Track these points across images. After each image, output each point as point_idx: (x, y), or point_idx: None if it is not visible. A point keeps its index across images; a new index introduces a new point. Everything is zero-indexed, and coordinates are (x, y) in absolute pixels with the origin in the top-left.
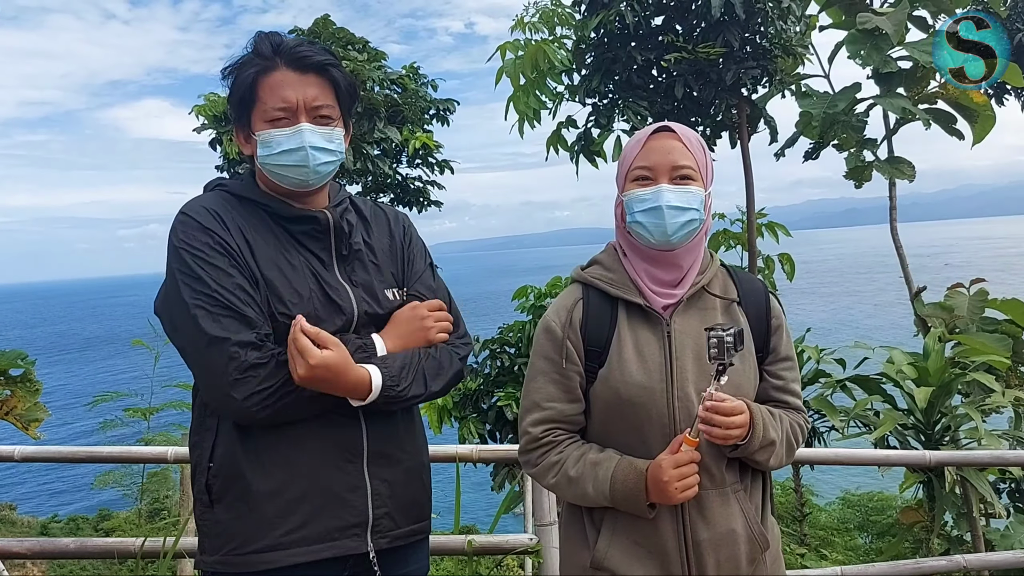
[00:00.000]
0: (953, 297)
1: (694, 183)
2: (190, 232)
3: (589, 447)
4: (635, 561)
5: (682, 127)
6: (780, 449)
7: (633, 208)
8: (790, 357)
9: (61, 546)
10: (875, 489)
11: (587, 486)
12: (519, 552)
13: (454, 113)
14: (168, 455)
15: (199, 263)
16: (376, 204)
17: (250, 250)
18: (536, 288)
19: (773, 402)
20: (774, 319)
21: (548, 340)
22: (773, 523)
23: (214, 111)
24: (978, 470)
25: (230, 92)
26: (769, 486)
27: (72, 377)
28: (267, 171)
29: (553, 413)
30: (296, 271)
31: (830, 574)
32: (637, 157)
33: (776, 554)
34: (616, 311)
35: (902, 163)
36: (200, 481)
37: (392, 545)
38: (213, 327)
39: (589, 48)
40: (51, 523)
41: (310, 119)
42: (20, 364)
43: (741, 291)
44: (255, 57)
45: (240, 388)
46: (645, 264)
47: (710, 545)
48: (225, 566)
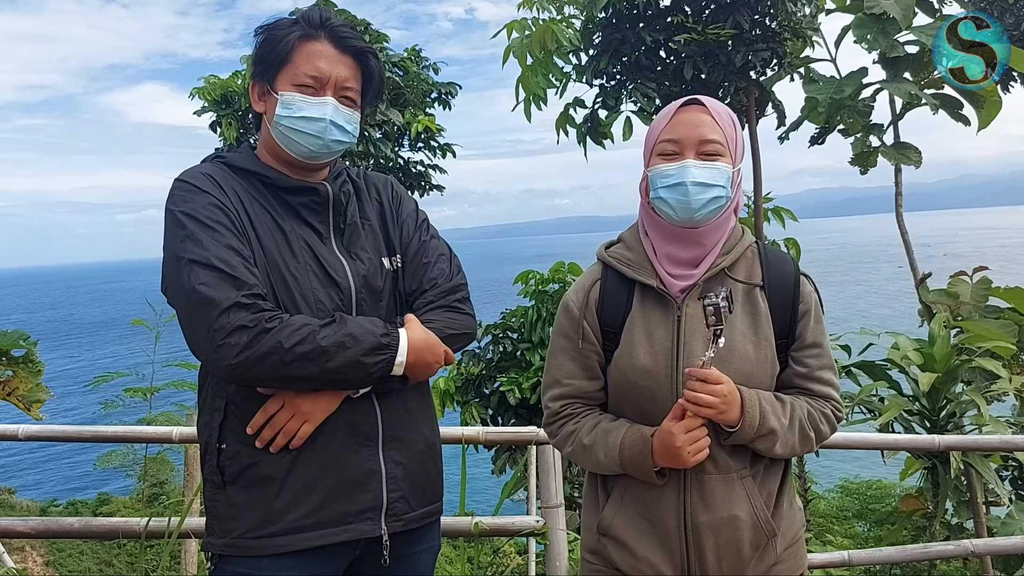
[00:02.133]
0: (956, 285)
1: (722, 159)
2: (185, 195)
3: (603, 416)
4: (637, 532)
5: (713, 101)
6: (788, 437)
7: (657, 183)
8: (817, 344)
9: (65, 526)
10: (873, 478)
11: (599, 453)
12: (526, 534)
13: (456, 97)
14: (173, 435)
15: (194, 223)
16: (365, 173)
17: (248, 218)
18: (538, 274)
19: (796, 389)
20: (802, 304)
21: (567, 319)
22: (795, 511)
23: (214, 94)
24: (983, 456)
25: (260, 46)
26: (789, 474)
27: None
28: (278, 132)
29: (572, 389)
30: (292, 243)
31: (837, 559)
32: (664, 130)
33: (793, 542)
34: (632, 292)
35: (908, 149)
36: (211, 462)
37: (406, 528)
38: (201, 287)
39: (597, 28)
40: (50, 507)
41: (336, 97)
42: (22, 345)
43: (767, 275)
44: (301, 22)
45: (225, 349)
46: (665, 242)
47: (709, 528)
48: (236, 549)
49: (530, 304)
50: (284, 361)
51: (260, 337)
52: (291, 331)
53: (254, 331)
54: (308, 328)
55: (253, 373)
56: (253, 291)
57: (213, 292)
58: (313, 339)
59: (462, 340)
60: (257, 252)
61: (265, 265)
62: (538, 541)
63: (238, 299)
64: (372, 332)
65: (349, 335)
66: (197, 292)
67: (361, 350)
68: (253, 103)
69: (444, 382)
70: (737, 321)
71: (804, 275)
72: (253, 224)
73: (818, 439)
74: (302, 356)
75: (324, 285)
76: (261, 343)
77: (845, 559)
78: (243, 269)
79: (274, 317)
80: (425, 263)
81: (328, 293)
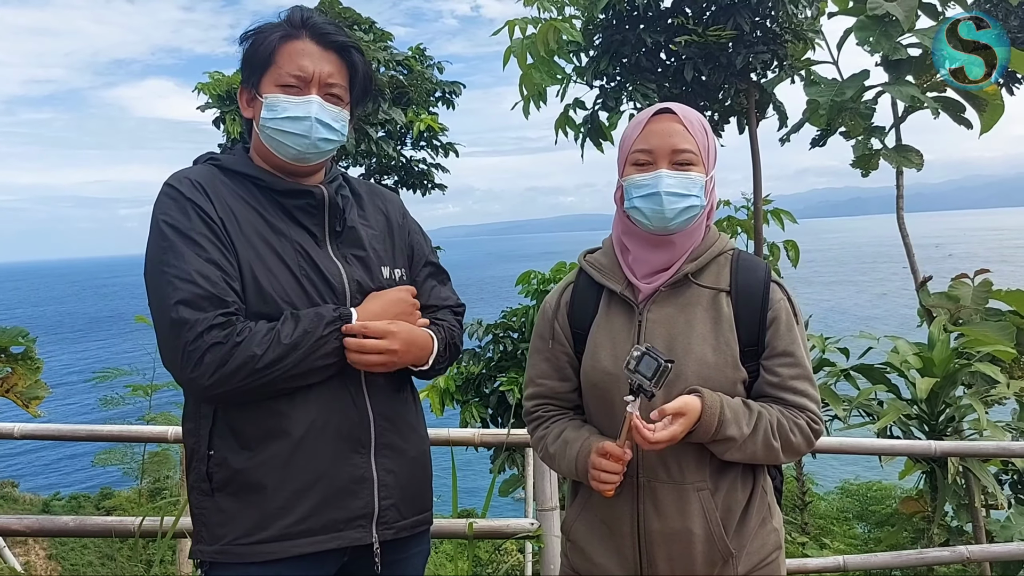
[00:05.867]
0: (957, 287)
1: (695, 168)
2: (171, 202)
3: (568, 425)
4: (595, 537)
5: (684, 108)
6: (749, 445)
7: (632, 193)
8: (789, 352)
9: (60, 524)
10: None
11: (561, 463)
12: (520, 536)
13: (460, 96)
14: (168, 435)
15: (176, 236)
16: (368, 183)
17: (237, 224)
18: (539, 273)
19: (769, 399)
20: (770, 312)
21: (542, 320)
22: (768, 531)
23: (218, 90)
24: (982, 461)
25: (246, 50)
26: (760, 492)
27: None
28: (266, 136)
29: (544, 389)
30: (285, 247)
31: (832, 564)
32: (637, 140)
33: (762, 564)
34: (600, 297)
35: (910, 151)
36: (199, 469)
37: (397, 536)
38: (179, 306)
39: (597, 29)
40: (53, 501)
41: (321, 94)
42: (21, 342)
43: (736, 281)
44: (283, 24)
45: (199, 369)
46: (638, 248)
47: (661, 537)
48: (226, 556)
49: (531, 303)
50: (255, 368)
51: (232, 351)
52: (259, 338)
53: (226, 347)
54: (272, 332)
55: (228, 388)
56: (229, 309)
57: (189, 313)
58: (278, 340)
59: (456, 354)
60: (245, 259)
61: (252, 271)
62: (533, 544)
63: (213, 320)
64: (327, 311)
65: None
66: (174, 312)
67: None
68: (242, 109)
69: (444, 380)
70: (698, 324)
71: (776, 282)
72: (242, 229)
73: (786, 450)
74: (273, 361)
75: (319, 288)
76: (233, 357)
77: (840, 564)
78: (223, 285)
79: (243, 329)
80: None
81: (323, 296)
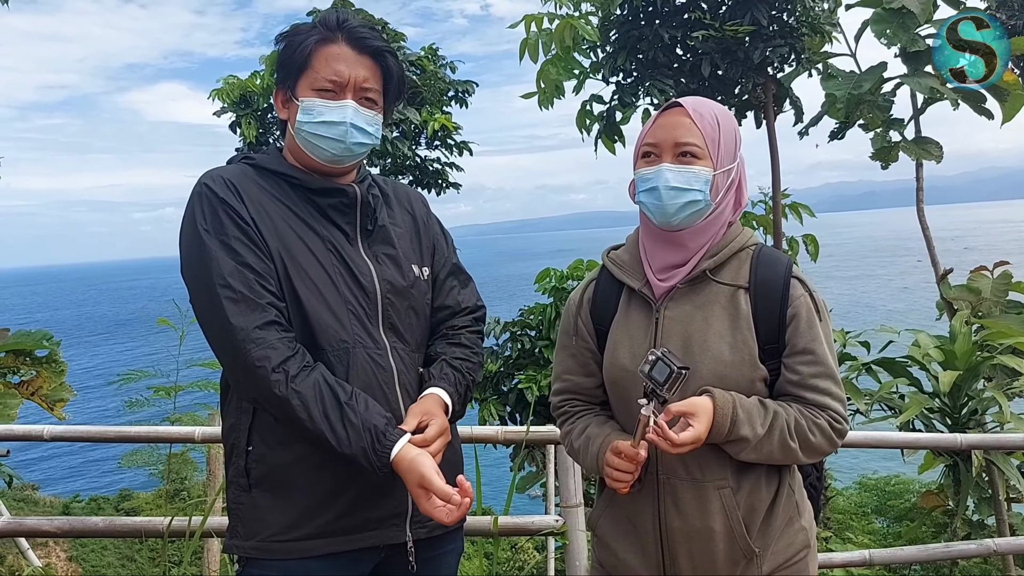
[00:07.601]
0: (977, 280)
1: (699, 161)
2: (207, 205)
3: (592, 420)
4: (620, 534)
5: (698, 102)
6: (764, 445)
7: (639, 187)
8: (810, 350)
9: (90, 525)
10: (892, 473)
11: (584, 458)
12: (545, 533)
13: (473, 95)
14: (196, 435)
15: (213, 240)
16: (393, 180)
17: (270, 221)
18: (558, 271)
19: (790, 397)
20: (790, 308)
21: (567, 316)
22: (795, 531)
23: (232, 95)
24: (1006, 454)
25: (282, 52)
26: (786, 490)
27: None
28: (301, 138)
29: (570, 385)
30: (318, 245)
31: (858, 558)
32: (647, 134)
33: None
34: (620, 294)
35: (929, 143)
36: (238, 464)
37: (430, 535)
38: (231, 313)
39: (614, 25)
40: (73, 503)
41: (356, 99)
42: (45, 345)
43: (755, 277)
44: (319, 26)
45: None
46: (654, 245)
47: (682, 535)
48: (261, 552)
49: (548, 301)
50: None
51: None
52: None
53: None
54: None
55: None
56: (271, 313)
57: (241, 320)
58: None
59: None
60: (278, 256)
61: (286, 269)
62: (557, 540)
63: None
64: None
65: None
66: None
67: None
68: (278, 110)
69: None
70: (715, 322)
71: (797, 278)
72: (276, 228)
73: (805, 450)
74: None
75: (350, 286)
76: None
77: (866, 558)
78: (259, 289)
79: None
80: (461, 281)
81: (354, 294)
